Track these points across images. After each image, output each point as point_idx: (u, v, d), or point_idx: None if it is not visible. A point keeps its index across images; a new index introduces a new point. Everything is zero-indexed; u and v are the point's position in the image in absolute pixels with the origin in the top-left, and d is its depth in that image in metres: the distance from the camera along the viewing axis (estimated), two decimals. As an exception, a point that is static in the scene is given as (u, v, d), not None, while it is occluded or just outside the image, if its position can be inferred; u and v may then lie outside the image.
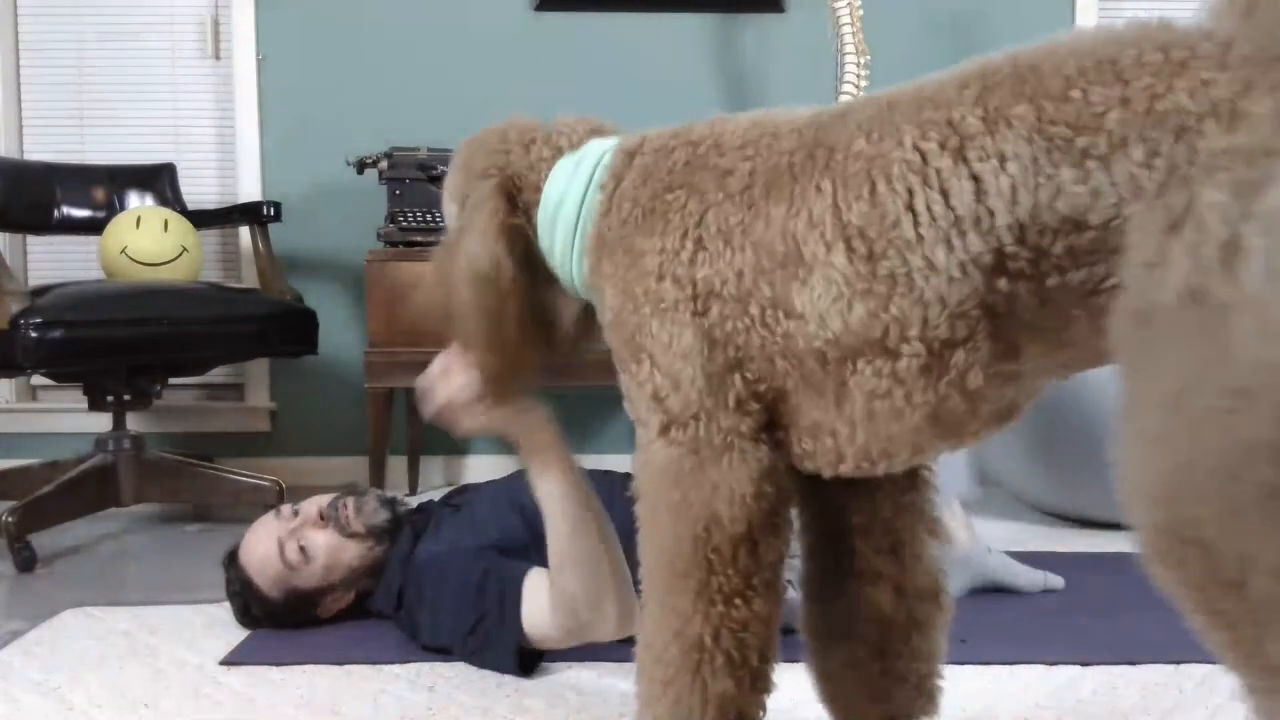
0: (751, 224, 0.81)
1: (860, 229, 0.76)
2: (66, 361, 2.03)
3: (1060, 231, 0.69)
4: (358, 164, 2.48)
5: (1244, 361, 0.59)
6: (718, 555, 0.84)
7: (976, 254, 0.72)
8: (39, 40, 2.85)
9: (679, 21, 2.86)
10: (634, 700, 1.27)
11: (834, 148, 0.79)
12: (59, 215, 2.52)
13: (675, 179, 0.87)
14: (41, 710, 1.26)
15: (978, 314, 0.73)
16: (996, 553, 1.74)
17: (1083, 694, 1.28)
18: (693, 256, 0.84)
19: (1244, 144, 0.62)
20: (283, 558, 1.47)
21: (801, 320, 0.79)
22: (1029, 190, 0.69)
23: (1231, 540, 0.62)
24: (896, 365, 0.76)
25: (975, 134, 0.72)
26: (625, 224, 0.90)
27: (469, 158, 1.02)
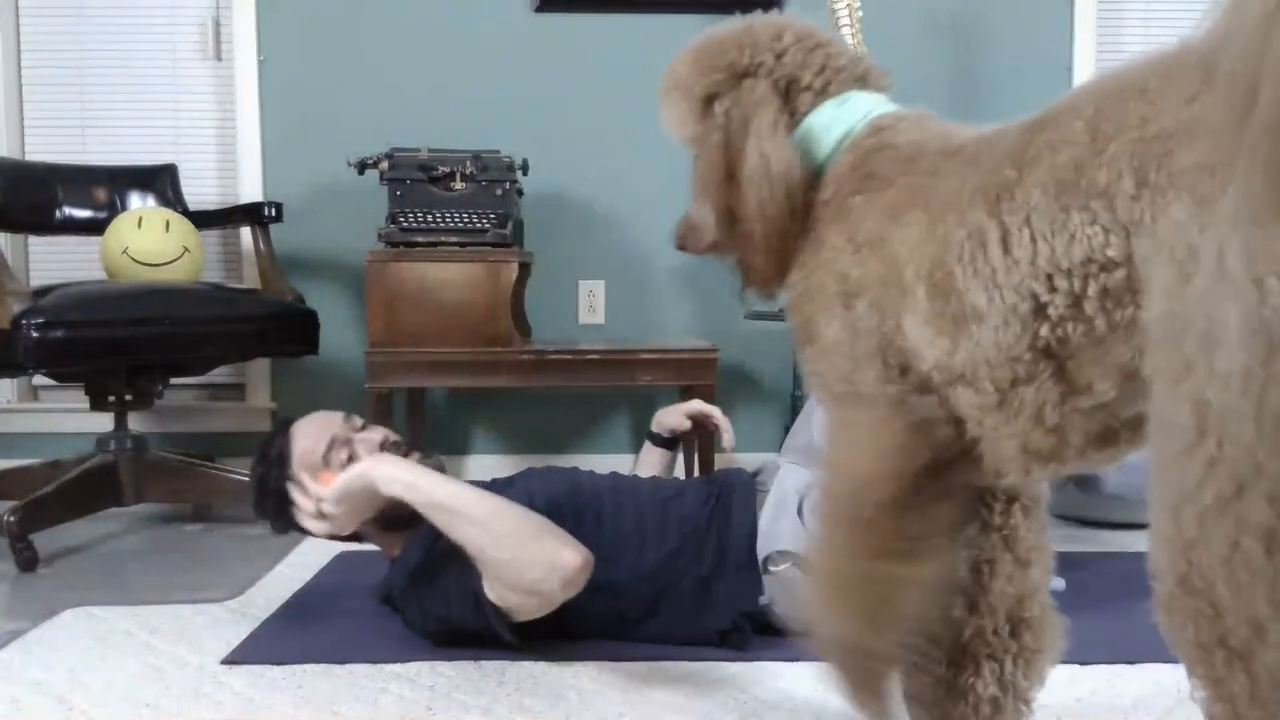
0: (886, 240, 0.84)
1: (931, 269, 0.78)
2: (68, 361, 2.03)
3: (1088, 274, 0.68)
4: (358, 164, 2.48)
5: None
6: (875, 511, 0.87)
7: (1013, 304, 0.73)
8: (40, 41, 2.85)
9: (679, 21, 2.87)
10: (635, 700, 1.27)
11: (934, 182, 0.81)
12: (61, 216, 2.52)
13: (861, 181, 0.89)
14: (42, 710, 1.27)
15: (1032, 357, 0.74)
16: None
17: (1082, 693, 1.28)
18: (850, 258, 0.86)
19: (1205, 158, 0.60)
20: (328, 454, 1.49)
21: (909, 339, 0.82)
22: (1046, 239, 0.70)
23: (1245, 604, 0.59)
24: (981, 400, 0.78)
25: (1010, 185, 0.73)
26: (825, 206, 0.91)
27: (712, 54, 1.01)
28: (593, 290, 2.89)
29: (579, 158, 2.87)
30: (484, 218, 2.45)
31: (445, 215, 2.45)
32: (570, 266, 2.88)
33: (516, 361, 2.39)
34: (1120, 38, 2.95)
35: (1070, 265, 0.69)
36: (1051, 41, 2.87)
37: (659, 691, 1.29)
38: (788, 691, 1.29)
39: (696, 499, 1.53)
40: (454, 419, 2.90)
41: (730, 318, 2.89)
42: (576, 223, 2.88)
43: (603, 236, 2.88)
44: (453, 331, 2.39)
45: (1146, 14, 2.95)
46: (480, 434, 2.91)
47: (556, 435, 2.88)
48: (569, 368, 2.38)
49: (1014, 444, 0.78)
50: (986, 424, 0.79)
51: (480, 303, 2.39)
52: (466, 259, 2.40)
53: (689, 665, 1.37)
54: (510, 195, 2.50)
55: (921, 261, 0.79)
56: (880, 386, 0.85)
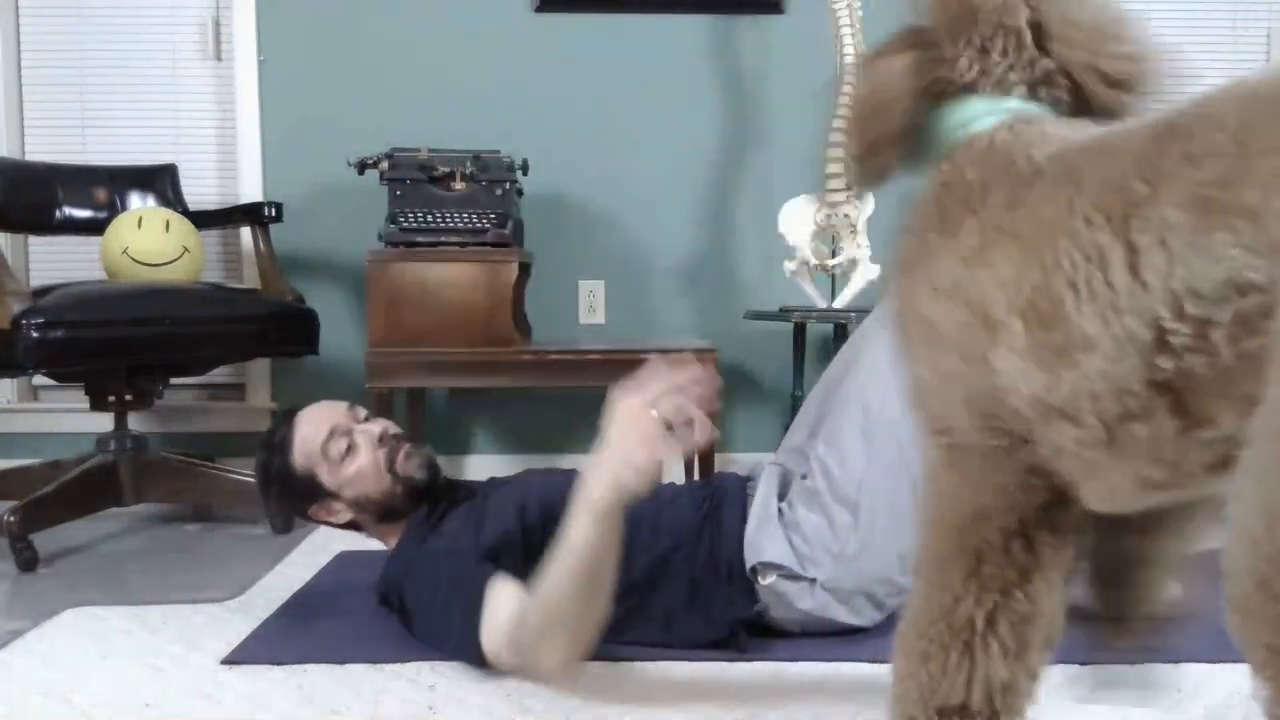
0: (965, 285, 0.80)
1: (1032, 298, 0.73)
2: (68, 361, 2.03)
3: (1224, 299, 0.63)
4: (358, 164, 2.48)
5: None
6: (987, 546, 0.84)
7: (1132, 331, 0.67)
8: (40, 41, 2.85)
9: (679, 21, 2.87)
10: (635, 700, 1.27)
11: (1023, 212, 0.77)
12: (61, 216, 2.52)
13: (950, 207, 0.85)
14: (42, 710, 1.27)
15: (1148, 392, 0.68)
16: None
17: (1082, 694, 1.28)
18: (930, 302, 0.83)
19: None
20: (327, 443, 1.51)
21: (999, 375, 0.78)
22: (1183, 260, 0.64)
23: None
24: (1084, 434, 0.73)
25: (1140, 202, 0.68)
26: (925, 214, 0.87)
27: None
28: (593, 290, 2.89)
29: (579, 158, 2.87)
30: (484, 218, 2.45)
31: (445, 215, 2.45)
32: (570, 266, 2.88)
33: (516, 361, 2.39)
34: (1120, 38, 2.94)
35: (1207, 289, 0.63)
36: (1051, 41, 2.87)
37: (659, 691, 1.29)
38: (788, 692, 1.29)
39: (690, 504, 1.53)
40: (454, 419, 2.90)
41: (730, 318, 2.89)
42: (576, 223, 2.88)
43: (603, 236, 2.88)
44: (453, 331, 2.39)
45: (1146, 14, 2.95)
46: (480, 434, 2.91)
47: (556, 435, 2.88)
48: (569, 368, 2.38)
49: (1123, 477, 0.74)
50: (1088, 458, 0.74)
51: (480, 303, 2.39)
52: (466, 259, 2.40)
53: (689, 665, 1.37)
54: (510, 195, 2.50)
55: (1018, 293, 0.74)
56: (975, 435, 0.82)
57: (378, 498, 1.53)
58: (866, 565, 1.41)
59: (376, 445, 1.53)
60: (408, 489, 1.54)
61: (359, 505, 1.53)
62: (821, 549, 1.40)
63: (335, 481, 1.52)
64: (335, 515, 1.55)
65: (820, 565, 1.40)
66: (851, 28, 2.40)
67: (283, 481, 1.54)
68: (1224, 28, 2.95)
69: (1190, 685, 1.31)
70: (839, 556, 1.39)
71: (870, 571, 1.41)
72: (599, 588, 1.22)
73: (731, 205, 2.90)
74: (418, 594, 1.41)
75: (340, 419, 1.54)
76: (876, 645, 1.43)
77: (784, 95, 2.88)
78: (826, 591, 1.41)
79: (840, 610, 1.42)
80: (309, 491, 1.53)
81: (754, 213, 2.89)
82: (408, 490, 1.54)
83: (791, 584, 1.40)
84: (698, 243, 2.90)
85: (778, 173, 2.88)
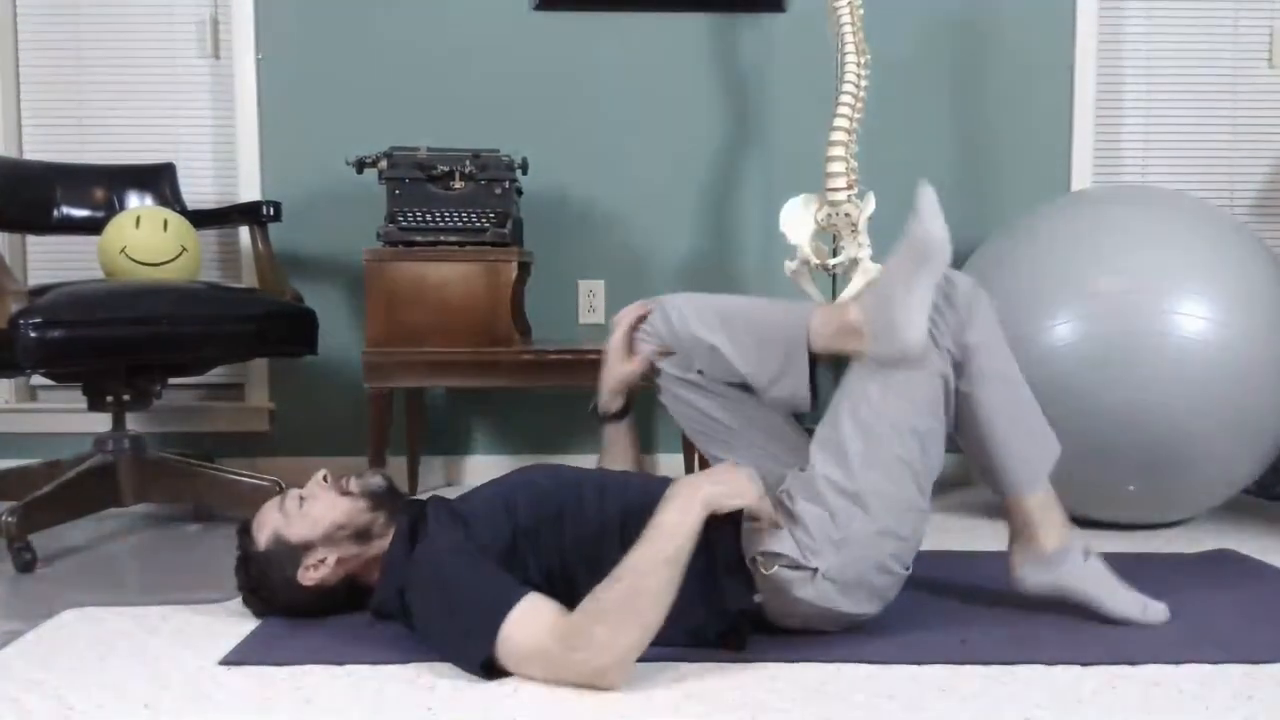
0: None
1: None
2: (66, 361, 2.03)
3: None
4: (357, 164, 2.48)
5: None
6: None
7: None
8: (38, 40, 2.85)
9: (679, 21, 2.86)
10: (634, 700, 1.27)
11: None
12: (58, 215, 2.52)
13: None
14: (41, 710, 1.26)
15: None
16: (1095, 560, 1.57)
17: (1083, 694, 1.28)
18: None
19: None
20: (281, 507, 1.54)
21: None
22: None
23: None
24: None
25: None
26: None
27: None
28: (593, 290, 2.88)
29: (579, 157, 2.86)
30: (483, 217, 2.45)
31: (444, 214, 2.45)
32: (570, 266, 2.88)
33: (516, 361, 2.39)
34: (1120, 38, 2.95)
35: None
36: (1052, 41, 2.87)
37: (658, 691, 1.29)
38: (788, 692, 1.29)
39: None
40: (454, 419, 2.90)
41: (730, 317, 2.89)
42: (576, 223, 2.88)
43: (603, 236, 2.88)
44: (452, 331, 2.39)
45: (1147, 14, 2.95)
46: (480, 434, 2.91)
47: (556, 435, 2.88)
48: (569, 368, 2.38)
49: None
50: None
51: (480, 302, 2.39)
52: (466, 258, 2.40)
53: (688, 665, 1.37)
54: (510, 194, 2.50)
55: None
56: None
57: (346, 520, 1.52)
58: (868, 553, 1.41)
59: (323, 485, 1.57)
60: (371, 498, 1.55)
61: (334, 540, 1.52)
62: (824, 538, 1.40)
63: (304, 531, 1.52)
64: (322, 566, 1.53)
65: (822, 555, 1.40)
66: (852, 27, 2.40)
67: (263, 564, 1.54)
68: (1224, 28, 2.95)
69: (1190, 685, 1.31)
70: (841, 544, 1.40)
71: (871, 559, 1.41)
72: (676, 584, 1.30)
73: (731, 205, 2.89)
74: (419, 596, 1.41)
75: (281, 500, 1.57)
76: (878, 646, 1.43)
77: (784, 95, 2.88)
78: (828, 581, 1.40)
79: (842, 600, 1.42)
80: (289, 556, 1.52)
81: (754, 212, 2.89)
82: (372, 500, 1.55)
83: (793, 573, 1.40)
84: (698, 242, 2.90)
85: (778, 173, 2.88)
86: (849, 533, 1.40)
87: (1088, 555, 1.57)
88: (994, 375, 1.51)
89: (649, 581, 1.28)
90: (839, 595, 1.42)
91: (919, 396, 1.45)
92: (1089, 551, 1.58)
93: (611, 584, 1.29)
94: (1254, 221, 3.00)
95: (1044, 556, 1.56)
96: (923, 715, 1.22)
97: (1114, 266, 2.10)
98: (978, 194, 2.90)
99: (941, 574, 1.80)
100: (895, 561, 1.45)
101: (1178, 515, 2.23)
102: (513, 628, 1.30)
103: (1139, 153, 2.98)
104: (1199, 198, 2.63)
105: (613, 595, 1.28)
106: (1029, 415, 1.56)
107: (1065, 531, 1.58)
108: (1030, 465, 1.56)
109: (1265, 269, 2.14)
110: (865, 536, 1.40)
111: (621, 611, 1.27)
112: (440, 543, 1.47)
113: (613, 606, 1.28)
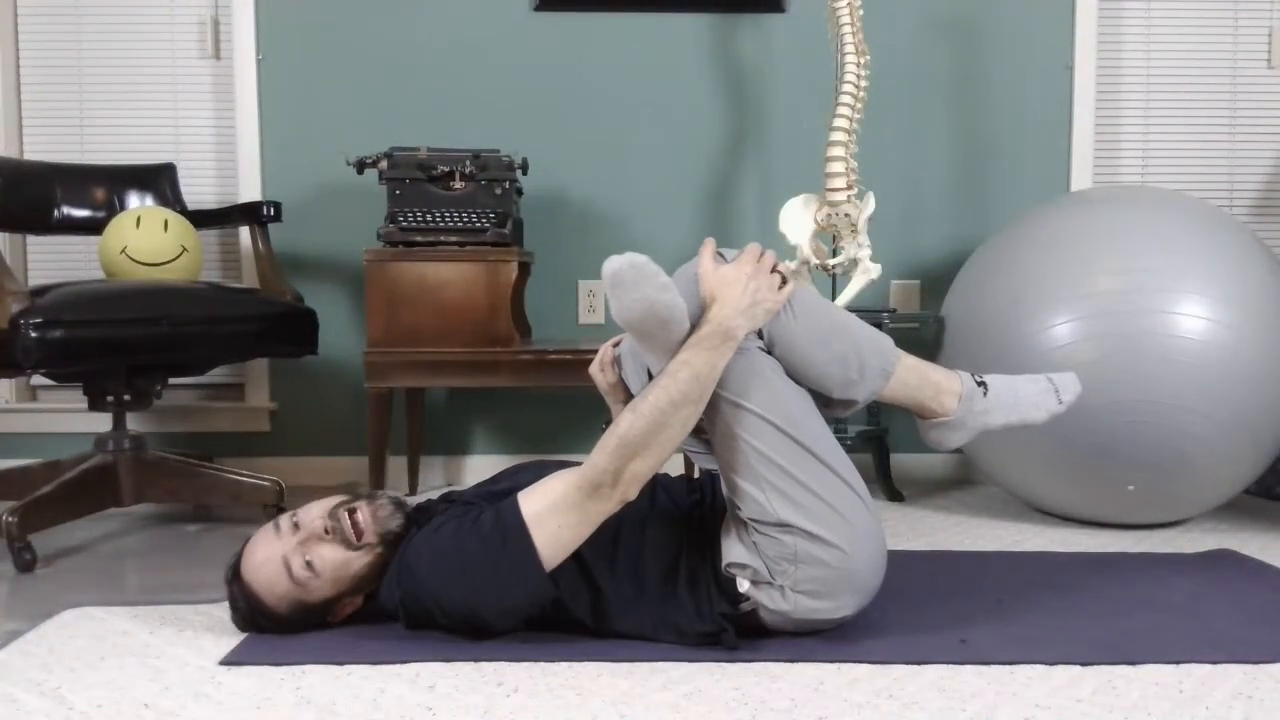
0: None
1: None
2: (66, 361, 2.03)
3: None
4: (357, 164, 2.48)
5: None
6: None
7: None
8: (39, 40, 2.85)
9: (679, 21, 2.86)
10: (634, 700, 1.27)
11: None
12: (59, 215, 2.52)
13: None
14: (41, 710, 1.26)
15: None
16: (993, 385, 1.54)
17: (1082, 694, 1.28)
18: None
19: None
20: (290, 576, 1.43)
21: None
22: None
23: None
24: None
25: None
26: None
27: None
28: (593, 290, 2.89)
29: (579, 158, 2.87)
30: (483, 217, 2.45)
31: (444, 214, 2.45)
32: (570, 266, 2.88)
33: (516, 361, 2.39)
34: (1120, 38, 2.95)
35: None
36: (1051, 41, 2.87)
37: (657, 692, 1.29)
38: (787, 692, 1.29)
39: (682, 495, 1.54)
40: (454, 419, 2.90)
41: (730, 317, 2.89)
42: (576, 223, 2.88)
43: (603, 236, 2.88)
44: (452, 331, 2.39)
45: (1147, 13, 2.95)
46: (480, 434, 2.91)
47: (556, 435, 2.88)
48: (569, 368, 2.38)
49: None
50: None
51: (480, 303, 2.39)
52: (466, 258, 2.40)
53: (688, 665, 1.37)
54: (510, 194, 2.50)
55: None
56: None
57: (369, 571, 1.46)
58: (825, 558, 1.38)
59: (326, 539, 1.44)
60: (390, 543, 1.47)
61: (361, 586, 1.48)
62: (779, 557, 1.39)
63: (326, 592, 1.46)
64: (351, 605, 1.50)
65: (785, 572, 1.39)
66: (852, 27, 2.40)
67: (283, 627, 1.48)
68: (1223, 28, 2.95)
69: (1190, 685, 1.31)
70: (795, 560, 1.38)
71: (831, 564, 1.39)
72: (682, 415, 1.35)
73: (731, 205, 2.90)
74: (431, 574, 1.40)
75: (281, 547, 1.45)
76: (877, 646, 1.43)
77: (784, 95, 2.88)
78: (798, 593, 1.40)
79: (820, 606, 1.40)
80: (314, 614, 1.48)
81: (754, 212, 2.89)
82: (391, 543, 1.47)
83: (762, 591, 1.40)
84: (698, 242, 2.89)
85: (778, 173, 2.88)
86: (796, 550, 1.38)
87: (985, 390, 1.53)
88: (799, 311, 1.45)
89: (674, 418, 1.34)
90: (814, 602, 1.40)
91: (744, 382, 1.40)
92: (982, 383, 1.54)
93: (636, 420, 1.34)
94: (1253, 221, 3.00)
95: (949, 421, 1.53)
96: (922, 715, 1.22)
97: (1114, 266, 2.10)
98: (977, 194, 2.90)
99: (942, 574, 1.80)
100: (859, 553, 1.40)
101: (1178, 515, 2.23)
102: (537, 530, 1.35)
103: (1138, 153, 2.98)
104: (1198, 198, 2.63)
105: (637, 431, 1.34)
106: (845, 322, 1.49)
107: (952, 383, 1.53)
108: (874, 349, 1.48)
109: (1264, 269, 2.14)
110: (812, 548, 1.38)
111: (646, 444, 1.34)
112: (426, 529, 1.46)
113: (638, 440, 1.34)
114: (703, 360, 1.36)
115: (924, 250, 2.90)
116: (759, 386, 1.40)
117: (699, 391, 1.36)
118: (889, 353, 1.51)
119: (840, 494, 1.41)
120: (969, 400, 1.53)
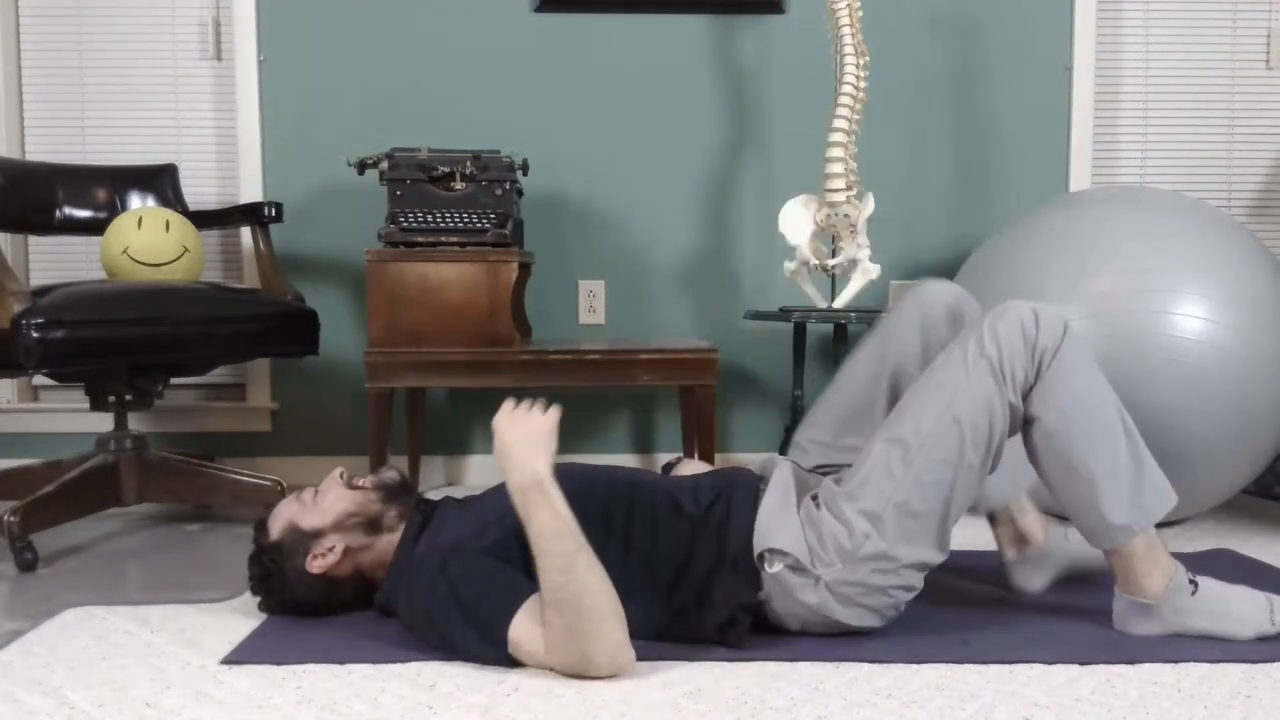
0: None
1: None
2: (68, 361, 2.03)
3: None
4: (358, 164, 2.48)
5: None
6: None
7: None
8: (40, 41, 2.86)
9: (679, 21, 2.87)
10: (634, 699, 1.27)
11: None
12: (61, 216, 2.52)
13: None
14: (42, 710, 1.27)
15: None
16: (1203, 587, 1.47)
17: (1082, 694, 1.28)
18: None
19: None
20: (298, 500, 1.59)
21: None
22: None
23: None
24: None
25: None
26: None
27: None
28: (593, 290, 2.89)
29: (579, 158, 2.87)
30: (484, 217, 2.45)
31: (445, 215, 2.45)
32: (570, 266, 2.88)
33: (516, 361, 2.39)
34: (1120, 38, 2.95)
35: None
36: (1050, 42, 2.88)
37: (658, 692, 1.29)
38: (788, 691, 1.29)
39: (697, 494, 1.54)
40: (454, 419, 2.91)
41: (730, 318, 2.90)
42: (576, 223, 2.88)
43: (603, 236, 2.89)
44: (453, 331, 2.39)
45: (1145, 14, 2.95)
46: (480, 434, 2.91)
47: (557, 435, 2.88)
48: (569, 368, 2.39)
49: None
50: None
51: (480, 303, 2.40)
52: (466, 259, 2.40)
53: (688, 665, 1.37)
54: (510, 195, 2.50)
55: None
56: None
57: (356, 509, 1.56)
58: (873, 575, 1.41)
59: (336, 480, 1.60)
60: (383, 490, 1.59)
61: (344, 528, 1.55)
62: (835, 551, 1.40)
63: (315, 518, 1.55)
64: (331, 551, 1.54)
65: (830, 566, 1.41)
66: (851, 28, 2.41)
67: (275, 554, 1.56)
68: (1222, 28, 2.96)
69: (1189, 684, 1.31)
70: (850, 560, 1.40)
71: (875, 581, 1.42)
72: (579, 569, 1.31)
73: (731, 205, 2.90)
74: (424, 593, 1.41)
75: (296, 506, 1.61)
76: (877, 645, 1.44)
77: (784, 95, 2.88)
78: (829, 591, 1.41)
79: (840, 611, 1.43)
80: (300, 543, 1.54)
81: (754, 213, 2.90)
82: (384, 492, 1.59)
83: (796, 577, 1.41)
84: (698, 243, 2.91)
85: (778, 173, 2.89)
86: (861, 552, 1.40)
87: (1195, 589, 1.46)
88: (1065, 402, 1.42)
89: (575, 578, 1.30)
90: (839, 606, 1.42)
91: (966, 427, 1.40)
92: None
93: (556, 615, 1.30)
94: (1252, 221, 3.00)
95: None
96: (921, 714, 1.22)
97: (1113, 267, 2.10)
98: (977, 194, 2.91)
99: (941, 574, 1.80)
100: (898, 588, 1.44)
101: (1176, 515, 2.23)
102: (517, 631, 1.33)
103: (1137, 153, 2.98)
104: (1197, 198, 2.63)
105: (560, 627, 1.30)
106: (1112, 445, 1.44)
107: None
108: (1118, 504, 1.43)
109: (1263, 269, 2.14)
110: (875, 559, 1.40)
111: (575, 632, 1.29)
112: (442, 540, 1.49)
113: (563, 634, 1.30)
114: (537, 523, 1.34)
115: (923, 250, 2.91)
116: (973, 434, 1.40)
117: (563, 543, 1.32)
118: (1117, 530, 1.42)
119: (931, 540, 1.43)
120: (1175, 594, 1.45)
